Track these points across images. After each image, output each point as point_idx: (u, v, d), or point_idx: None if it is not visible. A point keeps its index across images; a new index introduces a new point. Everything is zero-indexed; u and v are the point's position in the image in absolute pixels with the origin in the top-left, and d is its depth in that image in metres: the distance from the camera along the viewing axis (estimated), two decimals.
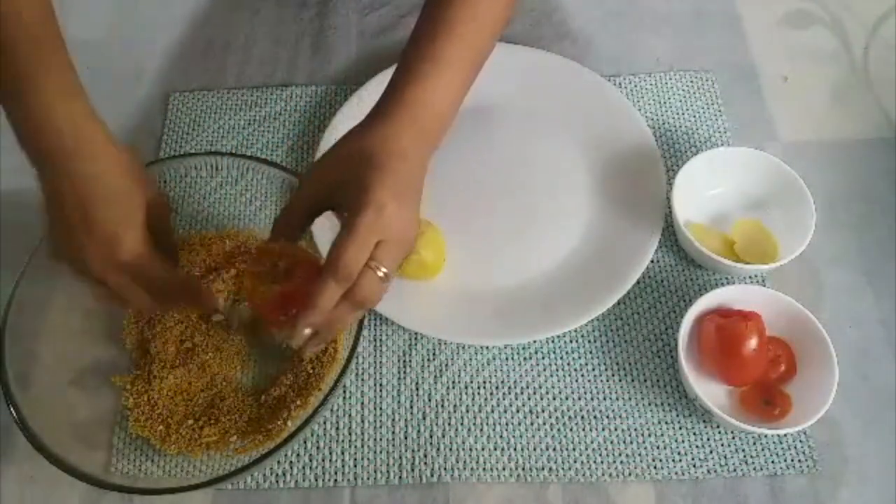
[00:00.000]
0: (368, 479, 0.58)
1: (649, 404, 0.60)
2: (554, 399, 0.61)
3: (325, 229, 0.62)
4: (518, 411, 0.60)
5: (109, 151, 0.49)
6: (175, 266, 0.55)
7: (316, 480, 0.58)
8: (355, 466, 0.58)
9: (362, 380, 0.62)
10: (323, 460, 0.59)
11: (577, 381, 0.61)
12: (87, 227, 0.48)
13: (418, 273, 0.63)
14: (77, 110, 0.49)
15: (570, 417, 0.60)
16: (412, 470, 0.58)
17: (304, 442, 0.59)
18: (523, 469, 0.58)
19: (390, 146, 0.49)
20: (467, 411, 0.60)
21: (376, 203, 0.46)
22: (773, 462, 0.58)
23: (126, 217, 0.49)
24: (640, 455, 0.58)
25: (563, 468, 0.58)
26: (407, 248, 0.49)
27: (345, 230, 0.46)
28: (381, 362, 0.62)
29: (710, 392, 0.57)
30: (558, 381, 0.61)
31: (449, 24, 0.52)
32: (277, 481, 0.58)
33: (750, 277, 0.65)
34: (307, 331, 0.47)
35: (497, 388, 0.61)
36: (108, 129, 0.50)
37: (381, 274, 0.46)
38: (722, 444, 0.58)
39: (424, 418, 0.60)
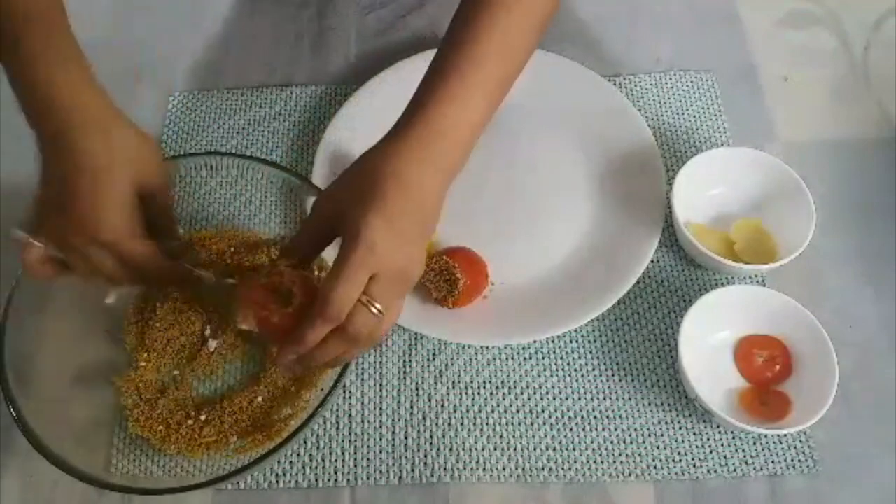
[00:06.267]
0: (368, 479, 0.58)
1: (649, 404, 0.60)
2: (554, 399, 0.61)
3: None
4: (518, 411, 0.60)
5: (101, 122, 0.48)
6: (177, 256, 0.54)
7: (316, 480, 0.58)
8: (355, 466, 0.58)
9: (362, 380, 0.62)
10: (323, 460, 0.59)
11: (577, 381, 0.61)
12: (67, 201, 0.47)
13: None
14: (74, 79, 0.48)
15: (570, 417, 0.60)
16: (412, 470, 0.58)
17: (304, 442, 0.59)
18: (523, 469, 0.58)
19: (395, 174, 0.46)
20: (467, 411, 0.60)
21: (368, 237, 0.43)
22: (773, 462, 0.58)
23: (107, 195, 0.47)
24: (640, 455, 0.58)
25: (563, 468, 0.58)
26: (407, 282, 0.46)
27: (335, 265, 0.44)
28: (381, 362, 0.62)
29: (710, 392, 0.57)
30: (558, 381, 0.61)
31: (481, 41, 0.49)
32: (277, 481, 0.58)
33: (750, 277, 0.65)
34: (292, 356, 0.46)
35: (497, 388, 0.61)
36: (109, 99, 0.49)
37: (374, 311, 0.44)
38: (722, 444, 0.58)
39: (425, 418, 0.60)
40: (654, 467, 0.58)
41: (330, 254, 0.47)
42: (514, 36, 0.51)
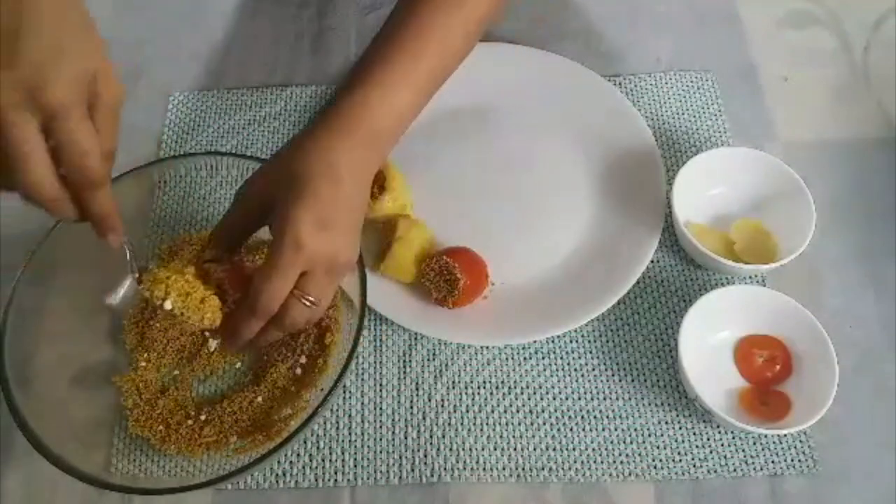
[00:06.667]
0: (368, 479, 0.58)
1: (649, 404, 0.60)
2: (554, 399, 0.61)
3: None
4: (518, 411, 0.60)
5: None
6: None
7: (316, 480, 0.58)
8: (355, 466, 0.58)
9: (362, 380, 0.62)
10: (323, 460, 0.59)
11: (577, 381, 0.61)
12: (14, 46, 0.36)
13: (397, 273, 0.63)
14: None
15: (570, 417, 0.60)
16: (412, 470, 0.58)
17: (304, 442, 0.59)
18: (523, 469, 0.58)
19: (321, 165, 0.46)
20: (467, 411, 0.60)
21: (295, 236, 0.44)
22: (773, 462, 0.58)
23: (71, 51, 0.37)
24: (640, 455, 0.58)
25: (563, 468, 0.58)
26: (340, 271, 0.47)
27: (266, 262, 0.44)
28: (381, 362, 0.62)
29: (710, 392, 0.57)
30: (558, 381, 0.61)
31: (421, 37, 0.50)
32: (277, 481, 0.58)
33: (750, 277, 0.65)
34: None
35: (497, 388, 0.61)
36: None
37: (307, 302, 0.45)
38: (722, 444, 0.58)
39: (424, 418, 0.60)
40: (654, 467, 0.58)
41: None
42: (455, 34, 0.51)
